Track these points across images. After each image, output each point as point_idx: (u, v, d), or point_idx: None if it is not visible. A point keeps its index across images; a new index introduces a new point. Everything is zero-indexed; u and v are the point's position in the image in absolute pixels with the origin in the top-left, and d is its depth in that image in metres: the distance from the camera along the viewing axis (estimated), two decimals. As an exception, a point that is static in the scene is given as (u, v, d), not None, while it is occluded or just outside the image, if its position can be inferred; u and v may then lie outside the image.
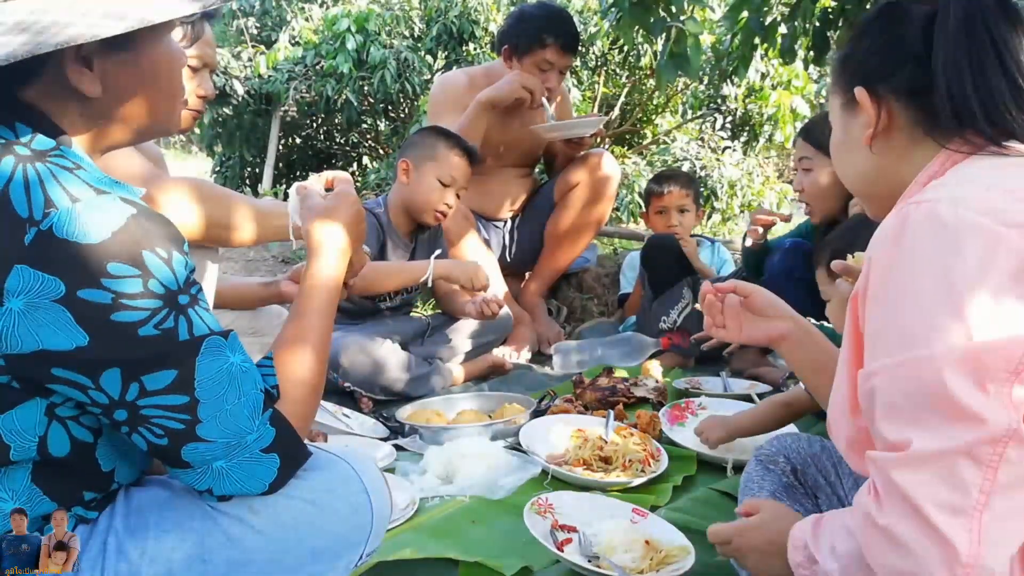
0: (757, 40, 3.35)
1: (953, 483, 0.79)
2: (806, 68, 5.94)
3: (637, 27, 3.20)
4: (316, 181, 1.28)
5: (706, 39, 5.15)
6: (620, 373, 2.48)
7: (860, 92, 1.01)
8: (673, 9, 3.14)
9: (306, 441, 1.02)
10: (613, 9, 3.23)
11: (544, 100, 2.95)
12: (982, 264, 0.80)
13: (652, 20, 3.14)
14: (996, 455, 0.79)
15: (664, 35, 3.11)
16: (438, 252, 2.52)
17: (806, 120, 6.18)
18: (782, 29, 3.39)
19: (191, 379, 0.87)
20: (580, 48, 6.61)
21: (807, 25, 3.35)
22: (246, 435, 0.92)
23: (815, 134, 2.34)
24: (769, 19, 3.34)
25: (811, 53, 3.39)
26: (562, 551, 1.41)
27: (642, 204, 3.75)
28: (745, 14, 3.29)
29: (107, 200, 0.84)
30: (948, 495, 0.79)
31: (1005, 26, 0.93)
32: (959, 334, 0.79)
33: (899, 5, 1.00)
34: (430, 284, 2.43)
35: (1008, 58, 0.92)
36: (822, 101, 6.85)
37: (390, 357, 2.43)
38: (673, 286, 2.88)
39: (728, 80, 5.92)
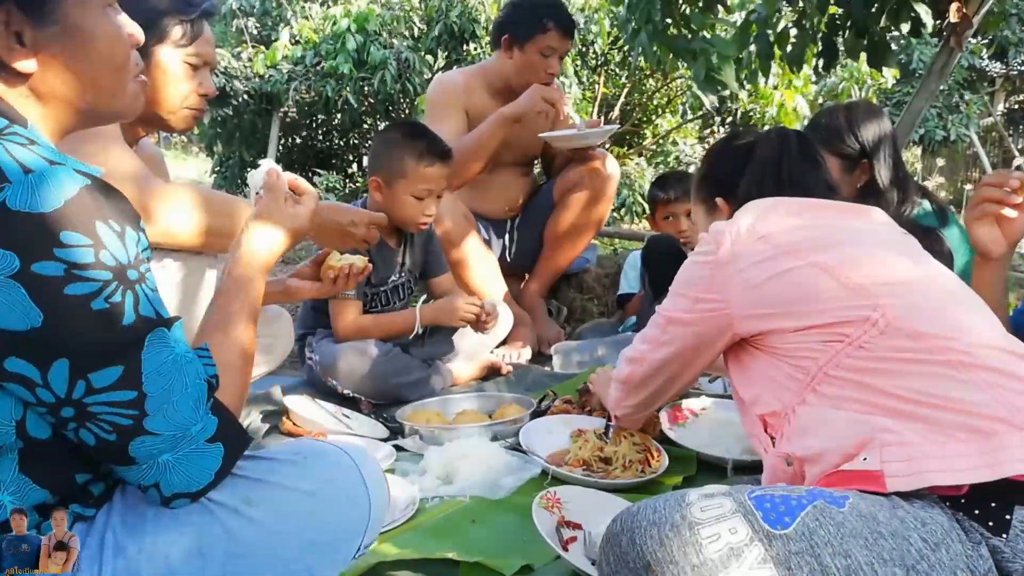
0: (774, 49, 3.35)
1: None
2: (814, 72, 5.93)
3: (657, 48, 3.21)
4: (282, 178, 1.29)
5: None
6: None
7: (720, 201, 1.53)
8: (693, 25, 3.15)
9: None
10: (630, 26, 3.24)
11: (567, 110, 2.95)
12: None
13: (675, 41, 3.16)
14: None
15: (694, 58, 3.13)
16: (423, 298, 2.64)
17: (807, 120, 6.19)
18: (793, 31, 3.39)
19: (138, 373, 0.87)
20: (581, 49, 6.65)
21: (814, 32, 3.35)
22: (190, 426, 0.92)
23: (817, 131, 2.33)
24: (780, 26, 3.33)
25: (819, 60, 3.38)
26: (567, 551, 1.40)
27: (644, 204, 3.74)
28: (754, 29, 3.28)
29: (61, 171, 0.84)
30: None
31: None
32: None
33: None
34: (420, 332, 2.52)
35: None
36: (823, 101, 6.86)
37: (389, 363, 2.42)
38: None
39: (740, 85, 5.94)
